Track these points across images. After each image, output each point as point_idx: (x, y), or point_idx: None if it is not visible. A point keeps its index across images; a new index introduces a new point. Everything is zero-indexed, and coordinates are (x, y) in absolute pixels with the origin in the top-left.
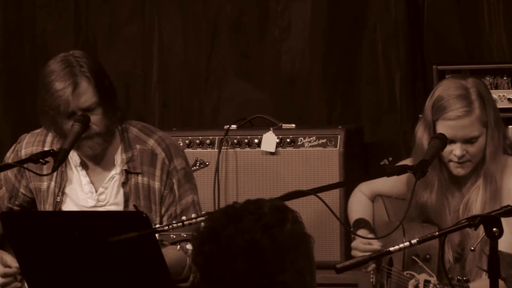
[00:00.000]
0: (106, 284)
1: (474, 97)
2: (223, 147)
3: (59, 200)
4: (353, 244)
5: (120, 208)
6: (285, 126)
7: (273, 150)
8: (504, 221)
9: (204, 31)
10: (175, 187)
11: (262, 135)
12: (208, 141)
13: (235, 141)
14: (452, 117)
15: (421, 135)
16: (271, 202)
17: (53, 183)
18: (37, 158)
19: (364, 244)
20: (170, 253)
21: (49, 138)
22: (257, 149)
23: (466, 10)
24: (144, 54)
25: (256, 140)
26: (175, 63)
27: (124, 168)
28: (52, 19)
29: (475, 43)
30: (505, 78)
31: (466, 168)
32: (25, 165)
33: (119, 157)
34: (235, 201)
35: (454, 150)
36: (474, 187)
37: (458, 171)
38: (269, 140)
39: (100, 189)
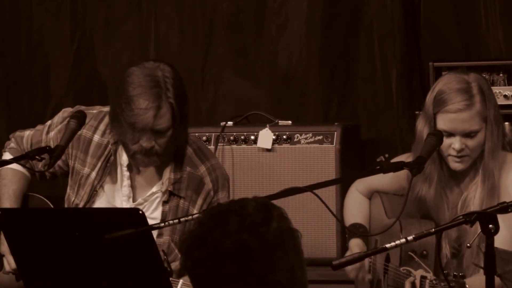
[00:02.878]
0: (102, 282)
1: (475, 92)
2: (219, 144)
3: (95, 193)
4: (346, 269)
5: (151, 222)
6: (281, 123)
7: (269, 146)
8: (500, 217)
9: (201, 28)
10: None
11: (258, 132)
12: (204, 138)
13: (231, 137)
14: (453, 110)
15: (422, 128)
16: (255, 201)
17: (94, 174)
18: (33, 154)
19: (355, 269)
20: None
21: (102, 126)
22: (254, 145)
23: (463, 7)
24: (140, 51)
25: (252, 137)
26: (171, 60)
27: (170, 189)
28: (48, 16)
29: (471, 40)
30: (501, 75)
31: (465, 163)
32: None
33: (167, 174)
34: (219, 203)
35: (453, 144)
36: (472, 183)
37: (457, 165)
38: (265, 137)
39: (139, 200)
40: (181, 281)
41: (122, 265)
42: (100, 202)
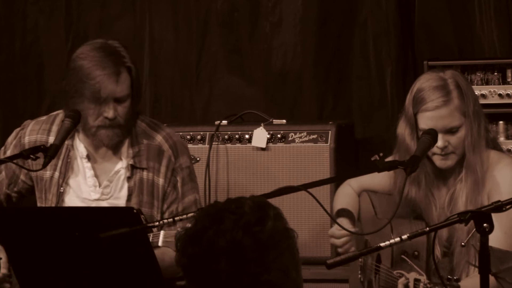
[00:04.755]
0: (97, 281)
1: (452, 87)
2: (214, 143)
3: (62, 190)
4: (330, 231)
5: (122, 202)
6: (276, 121)
7: (264, 145)
8: (495, 216)
9: (195, 27)
10: (179, 185)
11: (253, 131)
12: (199, 137)
13: (226, 136)
14: (431, 107)
15: (403, 130)
16: (252, 200)
17: (57, 173)
18: (28, 153)
19: (339, 229)
20: (170, 252)
21: (54, 127)
22: (248, 144)
23: (457, 6)
24: (135, 50)
25: (247, 136)
26: (166, 58)
27: (130, 162)
28: (43, 14)
29: (466, 39)
30: (495, 73)
31: (451, 160)
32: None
33: (125, 151)
34: (216, 201)
35: (437, 142)
36: (457, 180)
37: (443, 163)
38: (260, 136)
39: (105, 183)
40: (162, 232)
41: (116, 264)
42: (69, 198)
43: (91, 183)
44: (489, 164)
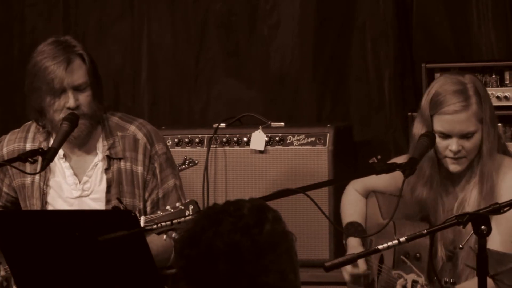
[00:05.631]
0: (95, 284)
1: (472, 93)
2: (212, 146)
3: (45, 193)
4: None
5: (102, 195)
6: (274, 124)
7: (262, 148)
8: (493, 219)
9: (193, 30)
10: (157, 171)
11: (251, 134)
12: (197, 140)
13: (224, 139)
14: (449, 111)
15: (418, 131)
16: (250, 202)
17: (37, 177)
18: (26, 157)
19: (352, 268)
20: (156, 241)
21: (30, 134)
22: (246, 147)
23: (455, 8)
24: (133, 53)
25: (245, 139)
26: (164, 61)
27: (106, 154)
28: (41, 17)
29: (464, 41)
30: (493, 76)
31: (462, 165)
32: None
33: (100, 145)
34: (215, 203)
35: (450, 145)
36: (469, 185)
37: (454, 167)
38: (258, 139)
39: (84, 178)
40: (142, 217)
41: (114, 267)
42: (52, 199)
43: (71, 181)
44: (499, 169)
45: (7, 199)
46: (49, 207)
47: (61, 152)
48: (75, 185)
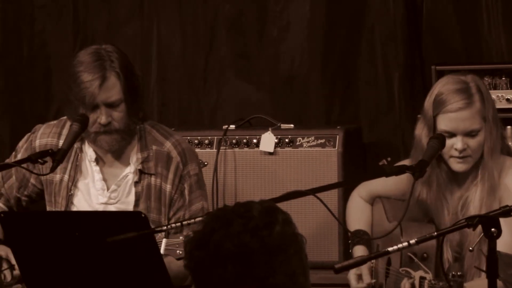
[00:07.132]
0: (104, 285)
1: (474, 91)
2: (221, 147)
3: (72, 193)
4: (348, 276)
5: (130, 207)
6: (283, 126)
7: (271, 150)
8: (503, 221)
9: (203, 31)
10: (186, 192)
11: (260, 135)
12: (206, 141)
13: (233, 141)
14: (453, 109)
15: (420, 132)
16: (261, 204)
17: (66, 176)
18: (36, 158)
19: (356, 280)
20: (173, 264)
21: (65, 131)
22: (256, 149)
23: (465, 10)
24: (142, 54)
25: (254, 140)
26: (173, 63)
27: (139, 167)
28: (50, 19)
29: (473, 44)
30: (503, 78)
31: (467, 164)
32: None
33: (134, 156)
34: (225, 204)
35: (455, 144)
36: (473, 184)
37: (459, 166)
38: (267, 140)
39: (113, 187)
40: (164, 240)
41: (124, 269)
42: (78, 201)
43: (99, 186)
44: (502, 170)
45: (33, 190)
46: (74, 208)
47: (93, 155)
48: (103, 191)
